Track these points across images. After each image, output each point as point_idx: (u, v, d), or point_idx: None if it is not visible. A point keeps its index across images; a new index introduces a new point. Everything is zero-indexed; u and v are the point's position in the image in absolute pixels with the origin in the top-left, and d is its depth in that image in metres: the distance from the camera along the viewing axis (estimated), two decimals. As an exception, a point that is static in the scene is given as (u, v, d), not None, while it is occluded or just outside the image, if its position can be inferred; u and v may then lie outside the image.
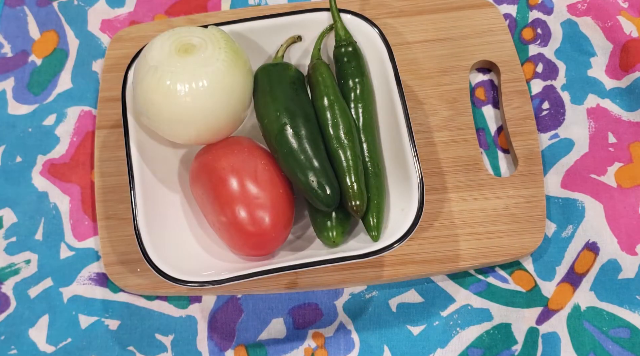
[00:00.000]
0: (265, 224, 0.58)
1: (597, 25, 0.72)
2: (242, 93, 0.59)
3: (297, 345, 0.63)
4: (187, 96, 0.57)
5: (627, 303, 0.63)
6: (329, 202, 0.58)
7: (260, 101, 0.61)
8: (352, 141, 0.60)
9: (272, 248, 0.59)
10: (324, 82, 0.61)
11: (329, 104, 0.60)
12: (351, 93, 0.62)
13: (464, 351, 0.62)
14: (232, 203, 0.58)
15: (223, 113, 0.58)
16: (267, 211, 0.58)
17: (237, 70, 0.58)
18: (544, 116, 0.69)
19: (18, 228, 0.67)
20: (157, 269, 0.56)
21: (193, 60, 0.57)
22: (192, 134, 0.59)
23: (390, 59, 0.61)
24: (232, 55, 0.58)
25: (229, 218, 0.58)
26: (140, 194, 0.59)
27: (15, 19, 0.74)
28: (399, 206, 0.59)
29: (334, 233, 0.59)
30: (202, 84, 0.57)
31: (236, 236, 0.58)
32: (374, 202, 0.59)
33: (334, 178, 0.59)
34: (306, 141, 0.59)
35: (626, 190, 0.66)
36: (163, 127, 0.59)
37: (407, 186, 0.58)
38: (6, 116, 0.71)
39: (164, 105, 0.57)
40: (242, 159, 0.59)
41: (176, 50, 0.58)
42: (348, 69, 0.62)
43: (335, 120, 0.60)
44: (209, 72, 0.57)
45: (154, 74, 0.57)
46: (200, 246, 0.61)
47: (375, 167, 0.61)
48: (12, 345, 0.63)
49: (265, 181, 0.58)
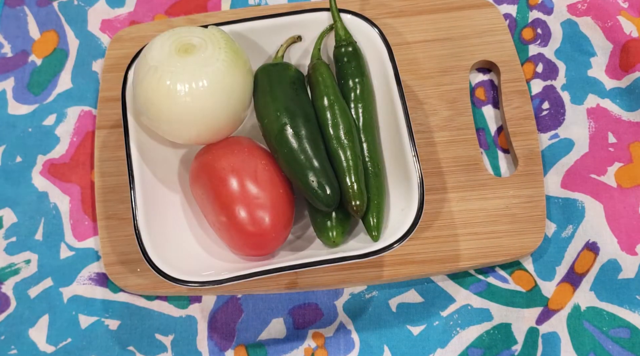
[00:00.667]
0: (265, 224, 0.58)
1: (597, 25, 0.72)
2: (242, 93, 0.59)
3: (297, 345, 0.63)
4: (187, 96, 0.57)
5: (627, 303, 0.63)
6: (329, 202, 0.58)
7: (260, 100, 0.61)
8: (352, 141, 0.60)
9: (272, 248, 0.59)
10: (324, 82, 0.61)
11: (329, 104, 0.61)
12: (351, 93, 0.62)
13: (464, 351, 0.62)
14: (232, 202, 0.58)
15: (223, 113, 0.58)
16: (267, 211, 0.58)
17: (237, 70, 0.58)
18: (544, 116, 0.69)
19: (18, 228, 0.67)
20: (157, 269, 0.56)
21: (193, 60, 0.57)
22: (192, 134, 0.59)
23: (390, 59, 0.61)
24: (232, 55, 0.58)
25: (229, 218, 0.58)
26: (140, 194, 0.59)
27: (15, 19, 0.74)
28: (399, 206, 0.59)
29: (334, 233, 0.59)
30: (202, 84, 0.57)
31: (236, 236, 0.58)
32: (374, 202, 0.59)
33: (334, 178, 0.59)
34: (306, 141, 0.59)
35: (626, 190, 0.66)
36: (163, 127, 0.59)
37: (407, 186, 0.58)
38: (6, 116, 0.71)
39: (164, 105, 0.57)
40: (242, 159, 0.59)
41: (176, 50, 0.58)
42: (348, 69, 0.62)
43: (335, 120, 0.60)
44: (209, 72, 0.57)
45: (154, 74, 0.57)
46: (200, 246, 0.61)
47: (375, 168, 0.61)
48: (12, 345, 0.63)
49: (265, 181, 0.58)
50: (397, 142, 0.60)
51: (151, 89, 0.57)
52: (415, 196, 0.57)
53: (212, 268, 0.59)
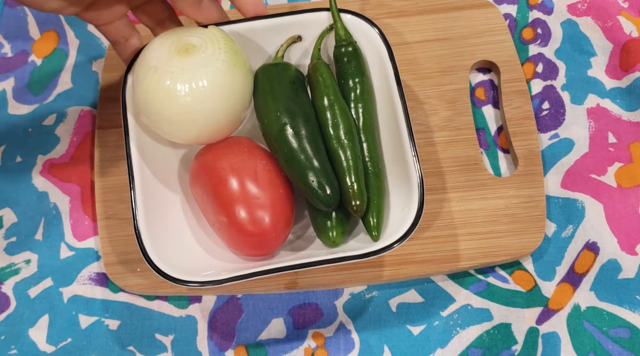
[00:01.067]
0: (265, 224, 0.58)
1: (597, 25, 0.72)
2: (242, 93, 0.59)
3: (297, 345, 0.63)
4: (187, 96, 0.57)
5: (627, 303, 0.63)
6: (329, 202, 0.58)
7: (261, 100, 0.61)
8: (352, 141, 0.60)
9: (272, 248, 0.59)
10: (324, 82, 0.61)
11: (329, 104, 0.61)
12: (351, 93, 0.62)
13: (464, 351, 0.62)
14: (232, 202, 0.58)
15: (223, 113, 0.58)
16: (267, 211, 0.58)
17: (237, 70, 0.58)
18: (544, 116, 0.69)
19: (18, 228, 0.67)
20: (157, 269, 0.56)
21: (193, 60, 0.57)
22: (192, 134, 0.59)
23: (390, 59, 0.61)
24: (232, 55, 0.58)
25: (229, 218, 0.58)
26: (140, 194, 0.59)
27: (15, 19, 0.74)
28: (399, 206, 0.59)
29: (334, 233, 0.59)
30: (202, 84, 0.57)
31: (236, 236, 0.58)
32: (374, 202, 0.59)
33: (334, 177, 0.59)
34: (306, 141, 0.59)
35: (626, 190, 0.66)
36: (163, 127, 0.59)
37: (407, 185, 0.58)
38: (6, 116, 0.71)
39: (164, 105, 0.57)
40: (242, 159, 0.59)
41: (176, 51, 0.58)
42: (348, 69, 0.62)
43: (335, 120, 0.60)
44: (209, 72, 0.57)
45: (154, 74, 0.57)
46: (200, 246, 0.61)
47: (375, 167, 0.61)
48: (12, 345, 0.63)
49: (266, 181, 0.58)
50: (397, 142, 0.60)
51: (151, 89, 0.57)
52: (415, 196, 0.57)
53: (212, 268, 0.59)
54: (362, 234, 0.60)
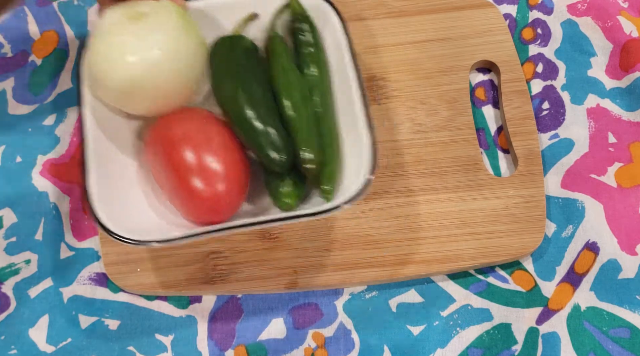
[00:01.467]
0: (219, 190, 0.57)
1: (597, 25, 0.72)
2: (193, 60, 0.58)
3: (297, 345, 0.63)
4: (136, 63, 0.56)
5: (627, 303, 0.63)
6: (282, 162, 0.57)
7: (214, 68, 0.61)
8: (306, 106, 0.60)
9: (227, 214, 0.58)
10: (278, 51, 0.62)
11: (283, 71, 0.61)
12: (307, 63, 0.62)
13: (464, 351, 0.62)
14: (186, 168, 0.57)
15: (175, 80, 0.57)
16: (221, 176, 0.57)
17: (189, 38, 0.58)
18: (544, 116, 0.69)
19: (18, 228, 0.67)
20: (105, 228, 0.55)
21: (143, 26, 0.56)
22: (144, 104, 0.58)
23: (343, 30, 0.61)
24: (183, 23, 0.58)
25: (182, 184, 0.57)
26: (93, 160, 0.57)
27: (15, 19, 0.74)
28: (354, 171, 0.58)
29: (289, 197, 0.58)
30: (152, 50, 0.56)
31: (191, 203, 0.58)
32: (328, 166, 0.59)
33: (287, 139, 0.58)
34: (258, 105, 0.59)
35: (626, 190, 0.66)
36: (114, 97, 0.58)
37: (361, 149, 0.57)
38: (6, 116, 0.71)
39: (114, 73, 0.56)
40: (196, 126, 0.58)
41: (127, 18, 0.57)
42: (303, 41, 0.63)
43: (289, 87, 0.60)
44: (159, 39, 0.56)
45: (103, 41, 0.56)
46: (155, 213, 0.60)
47: (330, 132, 0.60)
48: (12, 345, 0.63)
49: (219, 147, 0.58)
50: (351, 109, 0.59)
51: (101, 57, 0.56)
52: (367, 158, 0.56)
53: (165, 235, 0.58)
54: (318, 198, 0.59)
